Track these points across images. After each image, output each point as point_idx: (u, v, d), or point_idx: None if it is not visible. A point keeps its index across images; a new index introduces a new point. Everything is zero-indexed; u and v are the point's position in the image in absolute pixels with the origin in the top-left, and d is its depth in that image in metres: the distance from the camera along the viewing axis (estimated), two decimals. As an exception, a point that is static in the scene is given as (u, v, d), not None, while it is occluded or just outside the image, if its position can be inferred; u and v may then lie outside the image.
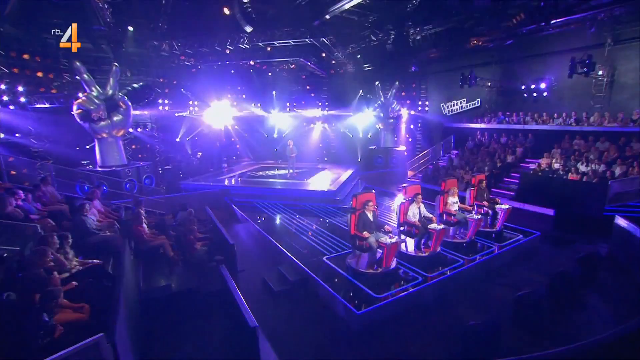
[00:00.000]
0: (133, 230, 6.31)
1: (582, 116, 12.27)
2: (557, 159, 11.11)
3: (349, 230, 6.13)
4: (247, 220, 9.73)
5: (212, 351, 4.68)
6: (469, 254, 6.73)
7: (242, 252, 7.96)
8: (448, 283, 5.93)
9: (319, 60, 15.78)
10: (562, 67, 13.19)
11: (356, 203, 6.03)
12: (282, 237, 8.16)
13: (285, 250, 7.14)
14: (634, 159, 9.53)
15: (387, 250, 5.52)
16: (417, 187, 6.92)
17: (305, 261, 6.63)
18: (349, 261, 6.19)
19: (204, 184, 13.03)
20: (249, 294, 6.16)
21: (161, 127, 16.25)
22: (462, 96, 17.18)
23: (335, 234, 8.17)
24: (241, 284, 6.58)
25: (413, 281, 5.74)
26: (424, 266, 6.23)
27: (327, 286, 5.58)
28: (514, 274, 6.61)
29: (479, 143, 14.48)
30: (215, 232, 7.89)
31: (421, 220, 6.63)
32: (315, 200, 11.38)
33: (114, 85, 10.86)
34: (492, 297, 5.80)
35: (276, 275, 6.51)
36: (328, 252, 7.08)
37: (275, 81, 19.79)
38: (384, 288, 5.52)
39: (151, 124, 16.31)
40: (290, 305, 5.70)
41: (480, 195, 7.94)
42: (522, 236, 7.73)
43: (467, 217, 7.01)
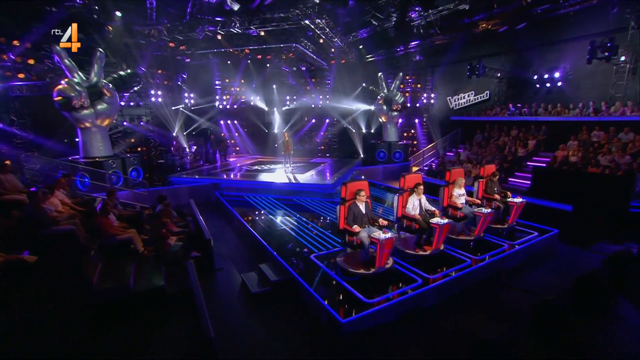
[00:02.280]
0: (96, 223, 5.61)
1: (601, 106, 11.30)
2: (575, 151, 10.17)
3: (337, 224, 5.34)
4: (235, 215, 9.00)
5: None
6: (477, 253, 5.90)
7: (226, 249, 7.26)
8: (453, 286, 5.11)
9: (317, 49, 14.97)
10: (578, 55, 12.26)
11: (346, 192, 5.25)
12: (269, 232, 7.41)
13: (269, 247, 6.38)
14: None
15: (380, 247, 4.72)
16: (418, 176, 6.11)
17: (290, 259, 5.87)
18: (339, 260, 5.41)
19: (195, 178, 12.36)
20: (224, 296, 5.45)
21: (157, 120, 15.68)
22: (469, 89, 16.28)
23: (328, 230, 7.39)
24: (217, 283, 5.89)
25: (412, 283, 4.93)
26: (424, 266, 5.42)
27: (310, 288, 4.80)
28: (530, 276, 5.75)
29: (488, 136, 13.55)
30: (196, 227, 7.19)
31: (422, 213, 5.82)
32: (310, 194, 10.62)
33: (99, 72, 10.24)
34: (505, 303, 4.96)
35: (256, 274, 5.76)
36: (318, 250, 6.30)
37: (274, 73, 19.14)
38: (377, 291, 4.73)
39: (147, 117, 15.78)
40: (268, 310, 4.94)
41: (491, 188, 7.08)
42: (537, 233, 6.86)
43: (475, 212, 6.17)
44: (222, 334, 4.37)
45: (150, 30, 11.82)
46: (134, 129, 15.05)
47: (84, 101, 9.77)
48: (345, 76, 17.90)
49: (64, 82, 9.73)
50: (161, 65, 15.11)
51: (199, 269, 6.23)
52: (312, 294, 4.68)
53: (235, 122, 20.51)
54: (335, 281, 5.07)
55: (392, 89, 15.69)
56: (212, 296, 5.40)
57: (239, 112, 20.41)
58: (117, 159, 10.65)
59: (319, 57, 15.67)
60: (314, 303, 4.64)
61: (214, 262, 6.45)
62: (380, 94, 15.84)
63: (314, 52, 14.81)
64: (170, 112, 16.11)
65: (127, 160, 11.04)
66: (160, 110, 15.53)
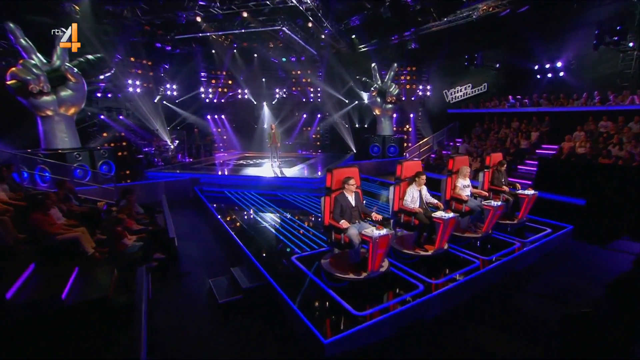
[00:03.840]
0: (29, 220, 4.64)
1: (608, 96, 10.61)
2: (582, 142, 9.45)
3: (322, 219, 4.45)
4: (212, 212, 8.06)
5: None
6: (485, 253, 5.08)
7: (198, 250, 6.32)
8: (460, 292, 4.27)
9: (307, 36, 14.06)
10: (581, 44, 11.60)
11: (331, 181, 4.37)
12: (247, 231, 6.50)
13: (244, 246, 5.47)
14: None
15: (373, 246, 3.85)
16: (417, 163, 5.26)
17: (268, 262, 4.98)
18: (323, 262, 4.52)
19: (173, 173, 11.38)
20: (187, 306, 4.50)
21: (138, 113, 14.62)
22: (466, 81, 15.56)
23: (316, 229, 6.51)
24: (181, 291, 4.95)
25: (412, 290, 4.07)
26: (426, 269, 4.57)
27: (287, 297, 3.91)
28: (547, 279, 4.94)
29: (488, 128, 12.81)
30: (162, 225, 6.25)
31: (422, 207, 4.97)
32: (296, 189, 9.72)
33: (62, 55, 9.20)
34: (521, 312, 4.13)
35: (227, 280, 4.85)
36: (301, 251, 5.41)
37: (263, 66, 18.20)
38: (370, 300, 3.86)
39: (127, 111, 14.72)
40: (237, 324, 4.03)
41: (498, 179, 6.28)
42: (550, 230, 6.07)
43: (483, 205, 5.35)
44: (175, 354, 3.48)
45: (123, 11, 10.78)
46: (111, 124, 14.01)
47: (43, 86, 8.72)
48: (337, 68, 17.06)
49: (19, 64, 8.67)
50: (140, 54, 14.05)
51: (162, 274, 5.36)
52: (290, 305, 3.79)
53: (223, 117, 19.52)
54: (318, 288, 4.19)
55: (386, 80, 14.88)
56: (173, 307, 4.47)
57: (226, 106, 19.44)
58: (83, 151, 9.61)
59: (309, 45, 14.75)
60: (292, 316, 3.75)
61: (180, 265, 5.55)
62: (374, 85, 15.04)
63: (304, 40, 13.88)
64: (151, 104, 15.08)
65: (97, 153, 10.00)
66: (140, 102, 14.48)
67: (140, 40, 12.99)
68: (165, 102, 16.49)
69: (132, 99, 14.25)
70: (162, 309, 4.36)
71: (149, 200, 9.29)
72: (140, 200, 9.21)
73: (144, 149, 14.12)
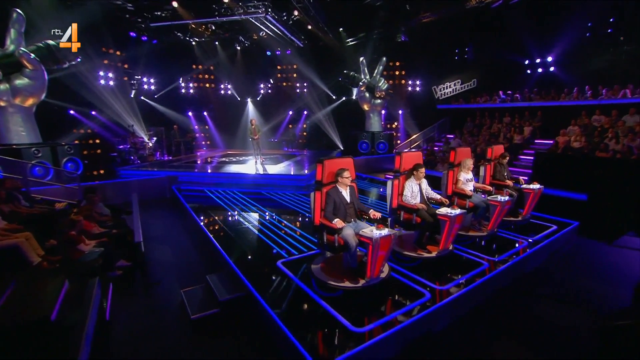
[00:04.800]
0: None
1: (599, 90, 10.43)
2: (577, 136, 9.19)
3: (311, 218, 3.83)
4: (189, 213, 7.32)
5: None
6: (493, 253, 4.58)
7: (172, 255, 5.59)
8: (470, 299, 3.74)
9: (293, 24, 13.37)
10: (572, 38, 11.41)
11: (322, 173, 3.76)
12: (227, 233, 5.81)
13: (222, 250, 4.79)
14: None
15: (373, 249, 3.27)
16: (417, 154, 4.71)
17: (250, 268, 4.33)
18: (314, 268, 3.90)
19: (149, 171, 10.51)
20: (153, 323, 3.81)
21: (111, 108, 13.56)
22: (455, 77, 15.23)
23: (304, 230, 5.88)
24: (148, 304, 4.23)
25: (417, 299, 3.51)
26: (430, 273, 4.03)
27: (271, 311, 3.28)
28: (562, 281, 4.49)
29: (479, 123, 12.50)
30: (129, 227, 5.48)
31: (424, 202, 4.43)
32: (283, 187, 9.08)
33: (16, 39, 8.24)
34: (544, 321, 3.61)
35: (201, 290, 4.16)
36: (288, 254, 4.78)
37: (246, 60, 17.42)
38: (369, 313, 3.28)
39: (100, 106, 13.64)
40: (211, 344, 3.37)
41: (500, 173, 5.83)
42: (556, 227, 5.66)
43: (489, 200, 4.86)
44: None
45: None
46: (81, 119, 12.95)
47: (-7, 72, 7.76)
48: (324, 62, 16.45)
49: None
50: (112, 43, 13.03)
51: (128, 284, 4.62)
52: (275, 321, 3.16)
53: (205, 114, 18.59)
54: (308, 299, 3.57)
55: (375, 75, 14.39)
56: (135, 324, 3.77)
57: (208, 102, 18.52)
58: (44, 147, 8.65)
59: (295, 37, 14.09)
60: (278, 334, 3.12)
61: (149, 274, 4.82)
62: (363, 80, 14.52)
63: (289, 31, 13.21)
64: (126, 99, 14.06)
65: (60, 149, 9.04)
66: (114, 96, 13.46)
67: (112, 28, 11.99)
68: (143, 97, 15.50)
69: (104, 92, 13.21)
70: (122, 327, 3.65)
71: (121, 201, 8.48)
72: (110, 201, 8.43)
73: (118, 146, 13.12)
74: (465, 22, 12.48)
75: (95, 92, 12.44)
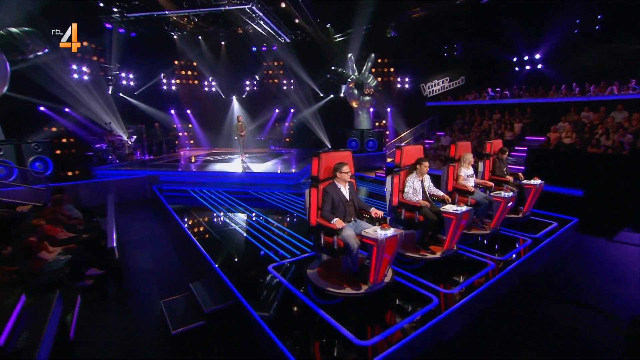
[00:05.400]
0: None
1: (586, 87, 10.50)
2: (568, 132, 9.17)
3: (307, 218, 3.46)
4: (171, 214, 6.82)
5: None
6: (498, 253, 4.33)
7: (152, 261, 5.11)
8: (480, 302, 3.46)
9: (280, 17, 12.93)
10: (560, 35, 11.46)
11: (319, 168, 3.40)
12: (213, 235, 5.37)
13: (207, 255, 4.36)
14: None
15: (378, 251, 2.93)
16: (418, 148, 4.42)
17: (238, 274, 3.93)
18: (310, 273, 3.54)
19: (127, 170, 9.88)
20: (127, 340, 3.35)
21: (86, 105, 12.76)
22: (444, 75, 15.17)
23: (297, 231, 5.50)
24: (124, 318, 3.76)
25: (425, 305, 3.19)
26: (434, 275, 3.74)
27: (263, 323, 2.89)
28: (570, 280, 4.27)
29: (470, 120, 12.43)
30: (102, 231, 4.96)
31: (426, 200, 4.13)
32: (271, 186, 8.67)
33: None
34: (561, 326, 3.36)
35: (184, 300, 3.73)
36: (279, 258, 4.39)
37: (231, 56, 16.85)
38: (372, 323, 2.94)
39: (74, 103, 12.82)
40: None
41: (499, 169, 5.62)
42: (557, 224, 5.48)
43: (493, 197, 4.61)
44: None
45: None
46: (53, 116, 12.13)
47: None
48: (311, 59, 16.06)
49: None
50: (85, 35, 12.20)
51: (101, 295, 4.14)
52: (268, 334, 2.78)
53: (188, 112, 17.88)
54: (305, 307, 3.20)
55: (364, 71, 14.12)
56: (106, 341, 3.30)
57: (191, 99, 17.84)
58: (6, 145, 7.93)
59: (282, 31, 13.65)
60: (272, 350, 2.74)
61: (125, 283, 4.34)
62: (351, 76, 14.22)
63: (276, 24, 12.78)
64: (103, 95, 13.28)
65: (26, 148, 8.32)
66: (89, 92, 12.67)
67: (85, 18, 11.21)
68: (122, 94, 14.72)
69: (78, 88, 12.41)
70: (89, 347, 3.18)
71: (96, 203, 7.87)
72: (84, 203, 7.83)
73: (95, 145, 12.36)
74: (455, 18, 12.37)
75: (68, 87, 11.65)
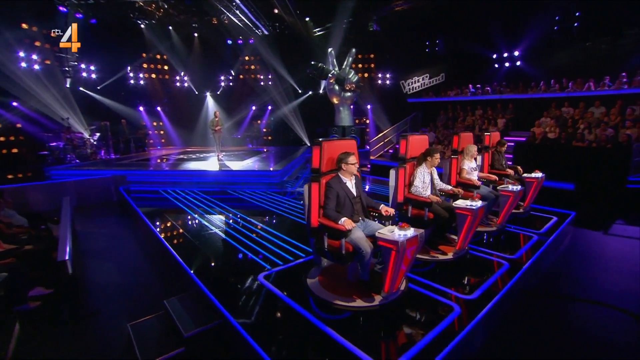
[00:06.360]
0: None
1: (564, 83, 10.68)
2: (552, 127, 9.23)
3: (306, 218, 2.94)
4: (141, 218, 6.03)
5: None
6: (509, 251, 4.01)
7: (117, 275, 4.37)
8: (502, 307, 3.09)
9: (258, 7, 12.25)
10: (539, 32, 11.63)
11: (321, 160, 2.88)
12: (191, 242, 4.71)
13: (186, 266, 3.72)
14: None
15: (397, 255, 2.46)
16: (424, 138, 4.01)
17: (223, 286, 3.33)
18: (310, 283, 3.01)
19: (89, 170, 8.87)
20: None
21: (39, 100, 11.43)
22: (424, 72, 15.10)
23: (287, 234, 4.94)
24: (77, 347, 3.07)
25: (446, 315, 2.76)
26: (447, 279, 3.33)
27: (259, 348, 2.34)
28: (580, 277, 4.02)
29: (453, 116, 12.36)
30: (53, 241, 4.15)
31: (436, 195, 3.73)
32: (252, 185, 8.04)
33: None
34: (592, 334, 3.04)
35: (158, 322, 3.08)
36: (270, 266, 3.83)
37: (206, 48, 15.92)
38: (388, 341, 2.47)
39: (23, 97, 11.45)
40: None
41: (498, 162, 5.36)
42: (557, 218, 5.29)
43: (501, 191, 4.30)
44: None
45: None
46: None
47: None
48: (289, 53, 15.48)
49: None
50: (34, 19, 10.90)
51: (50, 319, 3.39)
52: (263, 359, 2.23)
53: (159, 109, 16.72)
54: (307, 325, 2.67)
55: (344, 66, 13.72)
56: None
57: (162, 95, 16.71)
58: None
59: (259, 22, 12.96)
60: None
61: (80, 303, 3.60)
62: (332, 72, 13.78)
63: (254, 15, 12.08)
64: (59, 88, 11.99)
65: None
66: (42, 84, 11.37)
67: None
68: (82, 88, 13.42)
69: (28, 80, 11.08)
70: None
71: (50, 207, 6.89)
72: (35, 207, 6.87)
73: (50, 143, 11.11)
74: (436, 13, 12.24)
75: (15, 78, 10.36)
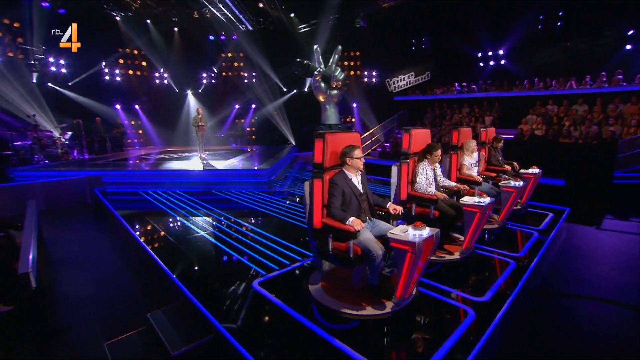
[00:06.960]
0: None
1: (549, 82, 10.89)
2: (539, 124, 9.34)
3: (308, 218, 2.66)
4: (119, 222, 5.57)
5: None
6: (514, 249, 3.88)
7: (92, 286, 3.94)
8: (515, 309, 2.92)
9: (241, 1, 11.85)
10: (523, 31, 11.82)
11: (324, 153, 2.62)
12: (176, 247, 4.34)
13: (172, 274, 3.37)
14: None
15: (412, 257, 2.23)
16: (426, 132, 3.81)
17: (214, 296, 3.01)
18: (313, 290, 2.74)
19: (60, 171, 8.22)
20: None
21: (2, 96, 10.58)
22: (409, 70, 15.11)
23: (278, 234, 4.64)
24: None
25: (461, 321, 2.56)
26: (456, 280, 3.15)
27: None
28: (581, 274, 3.93)
29: (440, 114, 12.38)
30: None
31: (439, 191, 3.54)
32: (238, 184, 7.68)
33: None
34: (603, 329, 2.92)
35: (140, 339, 2.73)
36: (266, 271, 3.53)
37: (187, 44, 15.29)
38: (409, 353, 2.24)
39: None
40: None
41: (495, 158, 5.27)
42: (552, 215, 5.25)
43: (502, 187, 4.17)
44: None
45: None
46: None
47: None
48: (274, 50, 15.10)
49: None
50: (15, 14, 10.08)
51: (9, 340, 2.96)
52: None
53: (137, 107, 15.92)
54: (311, 336, 2.40)
55: (330, 64, 13.50)
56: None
57: (139, 93, 15.92)
58: None
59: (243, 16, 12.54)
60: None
61: (48, 321, 3.18)
62: (318, 69, 13.53)
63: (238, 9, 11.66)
64: (22, 82, 11.13)
65: None
66: (4, 79, 10.53)
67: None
68: (51, 83, 12.55)
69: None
70: None
71: (13, 212, 6.31)
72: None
73: (15, 142, 10.29)
74: (423, 11, 12.22)
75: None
